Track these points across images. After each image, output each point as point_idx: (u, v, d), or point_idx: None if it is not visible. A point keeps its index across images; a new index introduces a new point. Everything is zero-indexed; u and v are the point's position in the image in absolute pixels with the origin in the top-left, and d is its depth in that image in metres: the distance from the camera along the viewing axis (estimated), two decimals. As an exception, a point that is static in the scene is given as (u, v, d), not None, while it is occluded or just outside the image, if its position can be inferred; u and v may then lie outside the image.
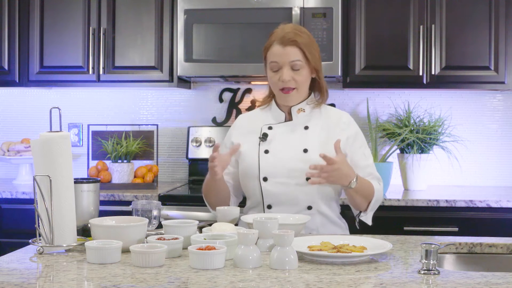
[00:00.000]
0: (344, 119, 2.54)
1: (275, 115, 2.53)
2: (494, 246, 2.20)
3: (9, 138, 4.32)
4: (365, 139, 2.57)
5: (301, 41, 2.41)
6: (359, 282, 1.71)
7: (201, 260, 1.80)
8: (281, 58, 2.41)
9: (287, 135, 2.48)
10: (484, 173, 4.09)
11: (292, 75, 2.42)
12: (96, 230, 2.02)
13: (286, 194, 2.41)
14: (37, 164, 2.03)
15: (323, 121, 2.51)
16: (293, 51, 2.41)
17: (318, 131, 2.48)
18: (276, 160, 2.44)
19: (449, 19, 3.71)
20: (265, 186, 2.44)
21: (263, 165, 2.44)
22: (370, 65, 3.76)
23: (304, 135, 2.47)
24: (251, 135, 2.51)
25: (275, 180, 2.43)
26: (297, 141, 2.46)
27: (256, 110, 2.63)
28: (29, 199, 3.60)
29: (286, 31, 2.43)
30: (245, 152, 2.49)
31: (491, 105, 4.09)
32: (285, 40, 2.41)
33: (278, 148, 2.46)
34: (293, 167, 2.41)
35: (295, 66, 2.41)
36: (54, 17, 3.94)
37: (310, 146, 2.43)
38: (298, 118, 2.50)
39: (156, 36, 3.87)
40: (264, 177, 2.44)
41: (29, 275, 1.78)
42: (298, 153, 2.43)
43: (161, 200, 3.52)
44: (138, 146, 3.88)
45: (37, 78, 3.97)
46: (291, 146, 2.45)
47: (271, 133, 2.49)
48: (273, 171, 2.43)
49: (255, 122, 2.55)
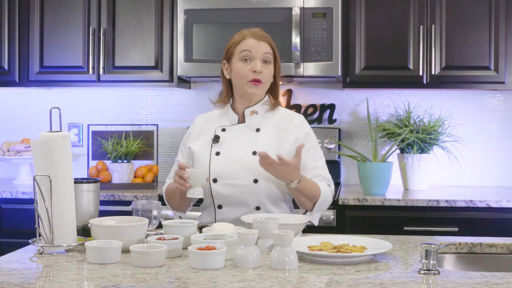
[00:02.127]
0: (295, 121, 2.56)
1: (229, 117, 2.56)
2: (494, 246, 2.20)
3: (9, 138, 4.32)
4: (316, 141, 2.58)
5: (271, 40, 2.53)
6: (359, 282, 1.71)
7: (201, 260, 1.80)
8: (255, 49, 2.47)
9: (238, 137, 2.52)
10: (484, 173, 4.09)
11: (263, 68, 2.47)
12: (96, 230, 2.02)
13: (235, 196, 2.45)
14: (37, 164, 2.03)
15: (274, 124, 2.54)
16: (266, 46, 2.50)
17: (269, 134, 2.51)
18: (226, 162, 2.48)
19: (449, 19, 3.71)
20: (215, 188, 2.47)
21: (213, 167, 2.47)
22: (370, 65, 3.76)
23: (255, 137, 2.51)
24: (205, 136, 2.56)
25: (224, 182, 2.46)
26: (247, 143, 2.49)
27: (214, 111, 2.66)
28: (29, 199, 3.61)
29: (256, 30, 2.53)
30: (198, 153, 2.53)
31: (491, 105, 4.09)
32: (259, 36, 2.50)
33: (229, 150, 2.49)
34: (241, 169, 2.45)
35: (266, 58, 2.48)
36: (54, 17, 3.94)
37: (259, 149, 2.44)
38: (251, 120, 2.53)
39: (156, 36, 3.87)
40: (214, 179, 2.47)
41: (29, 275, 1.78)
42: (247, 155, 2.47)
43: (161, 200, 3.51)
44: (138, 146, 3.88)
45: (37, 78, 3.97)
46: (241, 148, 2.49)
47: (224, 135, 2.53)
48: (222, 172, 2.46)
49: (211, 123, 2.59)
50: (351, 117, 4.15)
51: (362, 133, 4.10)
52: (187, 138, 2.61)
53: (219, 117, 2.60)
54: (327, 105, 4.12)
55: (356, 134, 4.11)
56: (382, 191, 3.60)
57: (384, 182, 3.60)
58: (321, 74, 3.69)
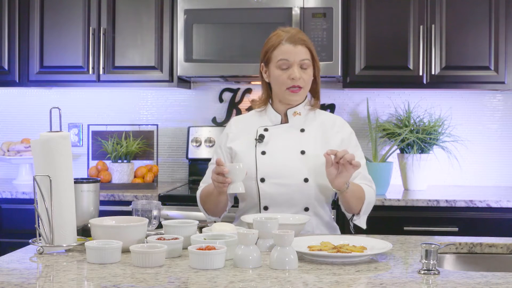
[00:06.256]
0: (338, 122, 2.55)
1: (271, 117, 2.53)
2: (494, 246, 2.20)
3: (9, 138, 4.32)
4: (357, 141, 2.58)
5: (309, 42, 2.47)
6: (359, 282, 1.71)
7: (201, 260, 1.80)
8: (292, 56, 2.42)
9: (283, 137, 2.48)
10: (484, 173, 4.09)
11: (301, 74, 2.43)
12: (96, 230, 2.02)
13: (283, 195, 2.41)
14: (37, 164, 2.03)
15: (317, 124, 2.52)
16: (303, 50, 2.44)
17: (314, 134, 2.49)
18: (273, 161, 2.43)
19: (449, 19, 3.71)
20: (262, 187, 2.43)
21: (260, 166, 2.43)
22: (370, 65, 3.76)
23: (301, 137, 2.48)
24: (246, 137, 2.51)
25: (273, 181, 2.42)
26: (294, 143, 2.46)
27: (251, 113, 2.62)
28: (29, 199, 3.61)
29: (293, 32, 2.46)
30: (241, 153, 2.48)
31: (491, 105, 4.09)
32: (296, 39, 2.44)
33: (275, 149, 2.46)
34: (291, 168, 2.41)
35: (304, 65, 2.43)
36: (54, 17, 3.94)
37: (307, 148, 2.44)
38: (294, 121, 2.50)
39: (156, 36, 3.87)
40: (261, 178, 2.43)
41: (29, 275, 1.78)
42: (295, 154, 2.44)
43: (161, 200, 3.52)
44: (138, 146, 3.88)
45: (37, 78, 3.97)
46: (288, 148, 2.45)
47: (267, 134, 2.49)
48: (270, 172, 2.42)
49: (250, 124, 2.54)
50: (351, 117, 4.15)
51: (362, 133, 4.10)
52: (225, 139, 2.55)
53: (259, 117, 2.55)
54: (327, 105, 4.12)
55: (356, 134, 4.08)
56: (382, 191, 3.60)
57: (384, 182, 3.60)
58: (321, 74, 3.66)
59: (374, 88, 4.00)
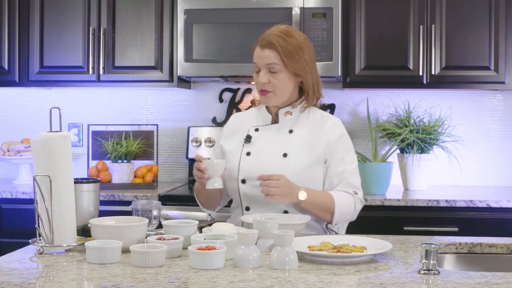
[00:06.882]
0: (329, 123, 2.46)
1: (263, 117, 2.52)
2: (494, 246, 2.20)
3: (9, 138, 4.32)
4: (351, 144, 2.50)
5: (282, 45, 2.36)
6: (359, 282, 1.71)
7: (201, 260, 1.80)
8: (258, 60, 2.41)
9: (271, 138, 2.46)
10: (484, 173, 4.09)
11: (270, 78, 2.39)
12: (96, 230, 2.02)
13: (263, 197, 2.35)
14: (37, 164, 2.03)
15: (308, 126, 2.47)
16: (270, 54, 2.38)
17: (302, 136, 2.44)
18: (256, 162, 2.42)
19: (449, 19, 3.71)
20: (243, 188, 2.42)
21: (242, 167, 2.43)
22: (370, 65, 3.76)
23: (288, 139, 2.45)
24: (238, 136, 2.51)
25: (253, 183, 2.39)
26: (279, 144, 2.43)
27: (250, 110, 2.63)
28: (29, 199, 3.60)
29: (269, 33, 2.41)
30: (229, 153, 2.50)
31: (491, 105, 4.09)
32: (264, 43, 2.40)
33: (260, 150, 2.44)
34: (270, 171, 2.35)
35: (272, 69, 2.39)
36: (54, 17, 3.94)
37: (290, 150, 2.41)
38: (285, 121, 2.48)
39: (156, 36, 3.87)
40: (242, 179, 2.42)
41: (29, 275, 1.78)
42: (277, 157, 2.41)
43: (161, 200, 3.52)
44: (138, 146, 3.88)
45: (37, 78, 3.97)
46: (272, 150, 2.43)
47: (257, 135, 2.48)
48: (251, 173, 2.40)
49: (246, 122, 2.55)
50: (351, 117, 4.15)
51: (362, 133, 4.10)
52: (220, 136, 2.58)
53: (254, 116, 2.55)
54: (327, 105, 4.12)
55: (356, 134, 4.10)
56: (382, 191, 3.60)
57: (384, 182, 3.60)
58: (321, 74, 3.67)
59: (374, 88, 4.00)
